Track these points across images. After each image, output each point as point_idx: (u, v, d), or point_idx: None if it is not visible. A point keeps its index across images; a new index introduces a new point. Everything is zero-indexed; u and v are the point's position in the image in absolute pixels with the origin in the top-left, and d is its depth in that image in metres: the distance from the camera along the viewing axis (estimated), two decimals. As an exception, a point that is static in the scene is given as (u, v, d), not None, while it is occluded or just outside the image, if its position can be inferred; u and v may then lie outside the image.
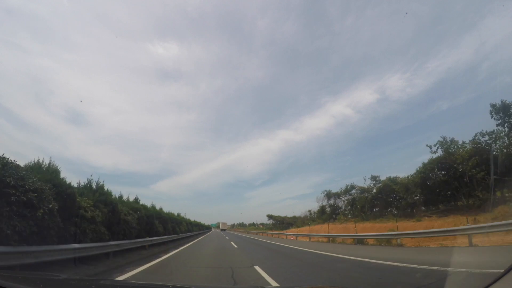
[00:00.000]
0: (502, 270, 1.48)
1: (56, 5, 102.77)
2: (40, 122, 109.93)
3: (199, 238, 28.54)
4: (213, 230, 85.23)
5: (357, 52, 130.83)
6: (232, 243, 19.28)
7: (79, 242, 7.18)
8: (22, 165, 6.25)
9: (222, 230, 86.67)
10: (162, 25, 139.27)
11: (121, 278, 5.86)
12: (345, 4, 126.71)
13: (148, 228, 14.53)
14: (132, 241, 11.04)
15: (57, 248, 6.11)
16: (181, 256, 10.96)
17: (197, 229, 44.49)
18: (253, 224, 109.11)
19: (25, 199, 5.19)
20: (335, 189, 45.84)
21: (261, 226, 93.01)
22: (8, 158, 5.47)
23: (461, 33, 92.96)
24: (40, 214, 5.46)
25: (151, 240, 13.50)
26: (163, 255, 10.81)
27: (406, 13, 73.53)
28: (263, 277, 5.74)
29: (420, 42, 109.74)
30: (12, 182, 5.06)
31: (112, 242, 8.92)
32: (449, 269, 5.51)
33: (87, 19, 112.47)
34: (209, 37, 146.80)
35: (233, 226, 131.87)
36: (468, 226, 10.30)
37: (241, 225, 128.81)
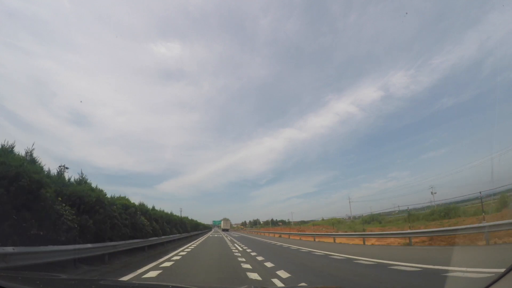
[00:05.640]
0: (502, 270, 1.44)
1: (57, 6, 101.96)
2: (44, 124, 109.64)
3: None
4: (213, 230, 73.99)
5: (360, 50, 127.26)
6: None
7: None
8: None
9: (223, 230, 75.30)
10: (164, 25, 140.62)
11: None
12: (347, 1, 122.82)
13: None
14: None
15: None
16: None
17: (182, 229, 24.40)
18: (273, 222, 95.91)
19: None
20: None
21: (280, 224, 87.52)
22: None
23: (465, 29, 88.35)
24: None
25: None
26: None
27: (406, 13, 70.98)
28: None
29: (424, 39, 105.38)
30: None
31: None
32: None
33: (89, 20, 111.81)
34: (212, 36, 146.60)
35: (244, 224, 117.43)
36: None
37: (256, 222, 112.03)
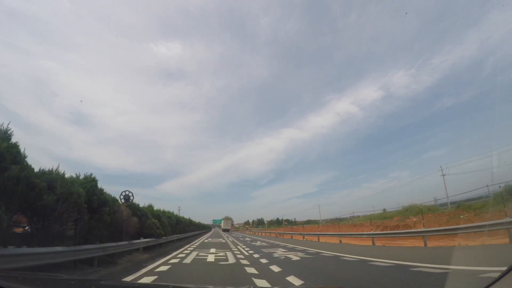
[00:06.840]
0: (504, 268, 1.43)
1: (57, 6, 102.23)
2: (44, 124, 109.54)
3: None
4: (213, 230, 70.28)
5: (361, 49, 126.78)
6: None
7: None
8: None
9: (224, 230, 73.42)
10: (164, 25, 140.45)
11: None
12: (347, 1, 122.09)
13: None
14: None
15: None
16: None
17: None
18: (278, 221, 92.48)
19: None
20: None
21: (285, 223, 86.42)
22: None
23: (465, 28, 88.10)
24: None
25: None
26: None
27: (406, 13, 70.71)
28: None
29: (424, 38, 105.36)
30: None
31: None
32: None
33: (89, 20, 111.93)
34: (212, 36, 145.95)
35: (247, 223, 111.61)
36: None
37: (260, 222, 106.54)
